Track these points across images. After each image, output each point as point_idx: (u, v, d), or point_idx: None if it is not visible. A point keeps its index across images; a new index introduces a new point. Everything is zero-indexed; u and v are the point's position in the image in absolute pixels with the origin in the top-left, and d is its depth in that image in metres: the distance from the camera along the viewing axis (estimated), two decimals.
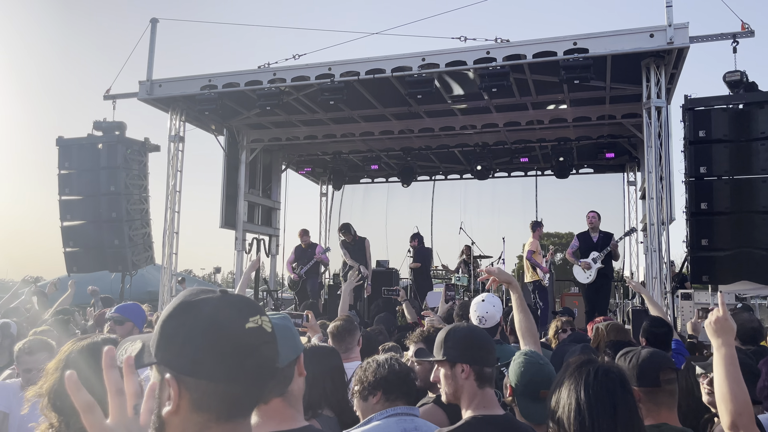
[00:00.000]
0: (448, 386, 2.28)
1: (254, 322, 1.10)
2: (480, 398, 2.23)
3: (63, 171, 10.56)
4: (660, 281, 8.00)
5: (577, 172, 14.40)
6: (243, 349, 1.06)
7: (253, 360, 1.07)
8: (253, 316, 1.11)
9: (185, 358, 1.04)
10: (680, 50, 7.85)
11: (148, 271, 13.31)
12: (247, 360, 1.06)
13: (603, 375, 1.67)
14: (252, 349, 1.07)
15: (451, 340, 2.31)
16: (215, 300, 1.10)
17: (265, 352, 1.09)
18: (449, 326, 2.42)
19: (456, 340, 2.30)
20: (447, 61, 8.66)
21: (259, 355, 1.08)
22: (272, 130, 12.64)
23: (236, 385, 1.06)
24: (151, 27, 10.51)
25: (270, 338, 1.12)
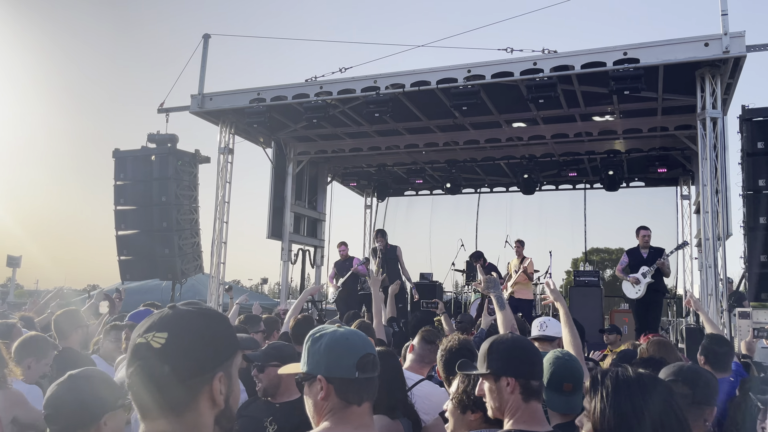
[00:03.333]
0: (493, 400, 2.18)
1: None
2: (523, 412, 2.13)
3: (119, 182, 10.96)
4: (716, 299, 7.68)
5: (628, 185, 14.03)
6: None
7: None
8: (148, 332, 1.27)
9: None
10: (736, 59, 7.58)
11: (197, 279, 13.62)
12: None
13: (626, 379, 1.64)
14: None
15: (496, 352, 2.21)
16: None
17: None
18: (493, 337, 2.34)
19: (500, 352, 2.20)
20: (493, 72, 8.61)
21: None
22: (318, 142, 12.81)
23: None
24: (203, 42, 10.85)
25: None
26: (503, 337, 2.34)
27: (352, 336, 1.81)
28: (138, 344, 1.26)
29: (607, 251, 40.68)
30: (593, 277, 11.88)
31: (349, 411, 1.75)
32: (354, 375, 1.73)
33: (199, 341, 1.27)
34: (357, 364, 1.74)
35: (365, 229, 16.52)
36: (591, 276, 11.94)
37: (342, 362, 1.73)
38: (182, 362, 1.24)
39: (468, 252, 13.64)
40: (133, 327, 3.97)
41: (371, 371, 1.78)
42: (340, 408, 1.74)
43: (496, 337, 2.32)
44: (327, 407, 1.75)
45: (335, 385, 1.73)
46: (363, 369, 1.74)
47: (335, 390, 1.73)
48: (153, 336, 1.25)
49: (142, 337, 1.26)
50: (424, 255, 15.56)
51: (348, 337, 1.80)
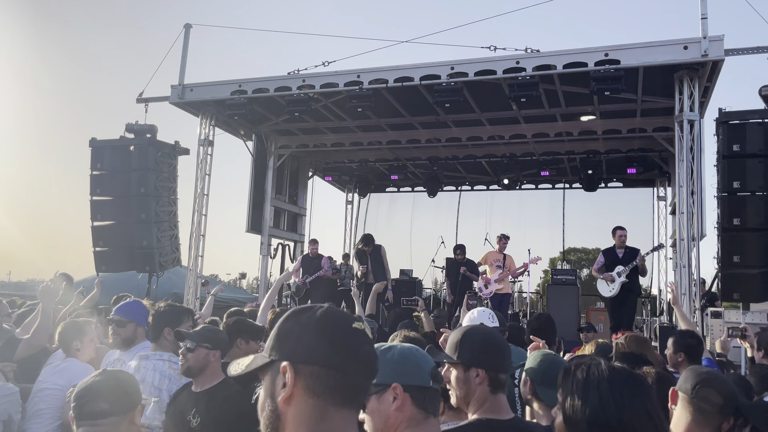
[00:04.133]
0: (459, 389, 2.18)
1: (358, 325, 1.22)
2: (491, 403, 2.14)
3: (95, 172, 10.77)
4: (689, 298, 7.82)
5: (606, 185, 14.21)
6: (352, 342, 1.19)
7: (360, 354, 1.19)
8: (358, 321, 1.23)
9: (301, 347, 1.16)
10: (715, 63, 7.70)
11: (175, 272, 13.47)
12: (355, 353, 1.18)
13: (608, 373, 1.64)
14: (358, 344, 1.19)
15: (468, 343, 2.21)
16: (324, 306, 1.23)
17: (368, 351, 1.22)
18: (465, 327, 2.34)
19: (473, 343, 2.21)
20: (476, 70, 8.64)
21: (363, 352, 1.20)
22: (300, 136, 12.75)
23: (347, 374, 1.16)
24: (184, 32, 10.71)
25: (371, 342, 1.24)
26: (476, 329, 2.34)
27: (418, 348, 1.77)
28: (355, 329, 1.23)
29: (584, 251, 41.19)
30: (570, 276, 12.02)
31: (428, 422, 1.64)
32: (429, 383, 1.66)
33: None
34: (431, 372, 1.67)
35: (346, 225, 16.51)
36: (568, 275, 12.09)
37: (419, 370, 1.66)
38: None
39: (448, 249, 13.72)
40: (121, 322, 3.89)
41: (439, 382, 1.71)
42: (420, 419, 1.63)
43: (469, 328, 2.32)
44: (403, 419, 1.61)
45: (412, 393, 1.62)
46: (435, 378, 1.68)
47: (412, 399, 1.62)
48: (362, 324, 1.26)
49: (356, 324, 1.24)
50: (404, 251, 15.63)
51: (417, 348, 1.75)
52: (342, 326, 1.19)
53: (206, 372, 3.12)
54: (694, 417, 2.28)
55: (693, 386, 2.32)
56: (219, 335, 3.26)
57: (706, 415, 2.26)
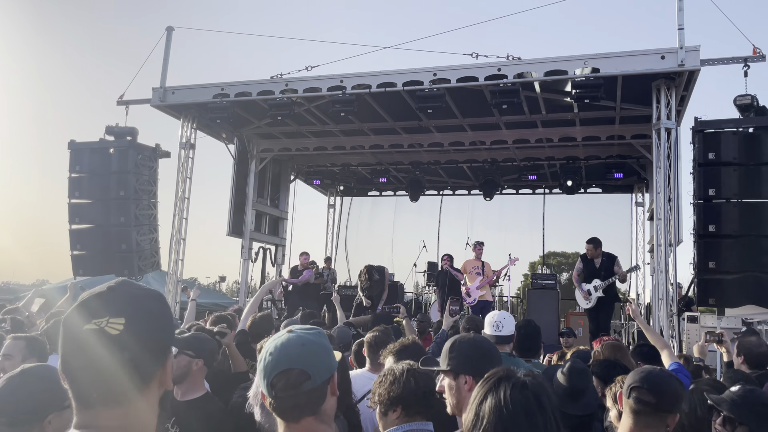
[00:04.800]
0: (452, 397, 2.24)
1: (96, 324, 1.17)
2: None
3: (74, 174, 10.63)
4: (666, 303, 7.96)
5: (586, 191, 14.39)
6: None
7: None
8: (98, 317, 1.18)
9: None
10: (691, 72, 7.87)
11: (153, 276, 13.35)
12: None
13: (519, 390, 1.60)
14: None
15: (456, 351, 2.28)
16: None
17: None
18: (455, 336, 2.39)
19: (461, 351, 2.27)
20: (458, 76, 8.71)
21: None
22: (282, 140, 12.72)
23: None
24: (166, 35, 10.64)
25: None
26: (465, 337, 2.40)
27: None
28: (88, 331, 1.16)
29: (564, 255, 41.56)
30: (550, 281, 12.16)
31: None
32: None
33: (155, 325, 1.22)
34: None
35: (328, 228, 16.49)
36: (548, 279, 12.22)
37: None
38: (141, 350, 1.18)
39: (430, 253, 13.78)
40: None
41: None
42: None
43: (459, 336, 2.38)
44: None
45: None
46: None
47: None
48: (107, 322, 1.16)
49: (92, 324, 1.16)
50: (386, 255, 15.65)
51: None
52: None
53: (188, 380, 3.08)
54: (632, 418, 2.32)
55: (627, 387, 2.36)
56: (205, 344, 3.21)
57: (643, 416, 2.29)
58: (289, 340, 1.63)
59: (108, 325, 1.16)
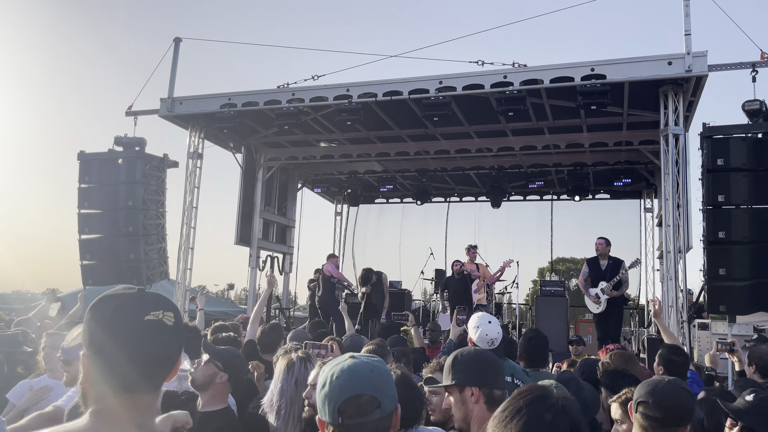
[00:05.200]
0: (458, 411, 2.22)
1: (155, 315, 1.31)
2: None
3: (83, 185, 10.70)
4: (676, 310, 7.89)
5: (594, 197, 14.33)
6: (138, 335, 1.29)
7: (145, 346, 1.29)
8: (156, 310, 1.32)
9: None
10: (699, 78, 7.83)
11: (162, 285, 13.39)
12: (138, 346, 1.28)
13: (557, 415, 1.46)
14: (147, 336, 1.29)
15: (459, 364, 2.26)
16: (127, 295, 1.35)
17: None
18: (456, 351, 2.38)
19: (464, 364, 2.26)
20: (464, 84, 8.71)
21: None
22: (289, 148, 12.76)
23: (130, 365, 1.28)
24: (174, 46, 10.72)
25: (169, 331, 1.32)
26: (466, 350, 2.39)
27: (336, 380, 1.72)
28: (149, 321, 1.30)
29: (573, 261, 41.30)
30: (559, 287, 12.09)
31: None
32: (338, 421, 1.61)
33: (182, 321, 1.42)
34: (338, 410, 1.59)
35: (335, 236, 16.49)
36: (556, 286, 12.16)
37: (325, 407, 1.61)
38: (182, 341, 1.37)
39: (437, 260, 13.75)
40: (67, 361, 3.74)
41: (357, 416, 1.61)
42: None
43: (459, 350, 2.37)
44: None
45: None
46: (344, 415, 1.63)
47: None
48: (163, 314, 1.32)
49: (151, 315, 1.30)
50: (393, 263, 15.64)
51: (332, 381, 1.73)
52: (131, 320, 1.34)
53: (210, 391, 3.13)
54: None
55: (635, 401, 2.31)
56: (235, 361, 3.25)
57: (650, 430, 2.24)
58: (356, 365, 1.56)
59: (164, 316, 1.32)
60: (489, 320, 3.99)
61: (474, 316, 4.05)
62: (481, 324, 3.99)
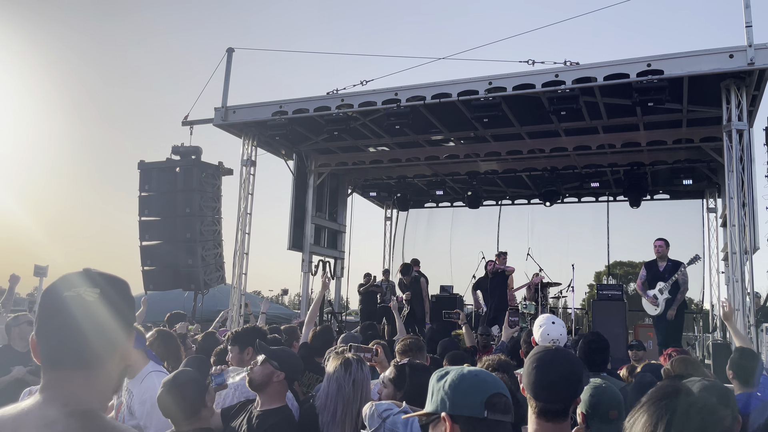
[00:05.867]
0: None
1: (75, 291, 1.31)
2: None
3: (143, 193, 11.13)
4: (743, 313, 7.52)
5: (652, 198, 13.86)
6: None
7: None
8: (78, 287, 1.32)
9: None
10: (762, 71, 7.47)
11: (219, 290, 13.74)
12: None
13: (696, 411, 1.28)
14: None
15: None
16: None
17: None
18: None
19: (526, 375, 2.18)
20: (514, 84, 8.59)
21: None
22: (339, 154, 12.89)
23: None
24: (227, 56, 11.01)
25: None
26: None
27: (481, 374, 1.64)
28: (67, 297, 1.30)
29: (631, 264, 40.01)
30: (617, 291, 11.71)
31: None
32: (483, 414, 1.54)
33: (122, 302, 1.37)
34: (486, 402, 1.55)
35: (385, 241, 16.54)
36: (614, 290, 11.78)
37: (468, 400, 1.56)
38: (112, 318, 1.32)
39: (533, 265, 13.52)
40: None
41: (502, 413, 1.56)
42: None
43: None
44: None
45: (461, 424, 1.54)
46: (492, 409, 1.55)
47: (461, 431, 1.55)
48: (84, 290, 1.31)
49: (71, 291, 1.31)
50: (444, 267, 15.51)
51: (477, 374, 1.63)
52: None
53: (267, 390, 3.16)
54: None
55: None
56: (292, 359, 3.29)
57: None
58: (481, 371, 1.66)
59: (85, 292, 1.31)
60: (553, 321, 3.98)
61: (540, 316, 4.03)
62: (545, 323, 3.98)
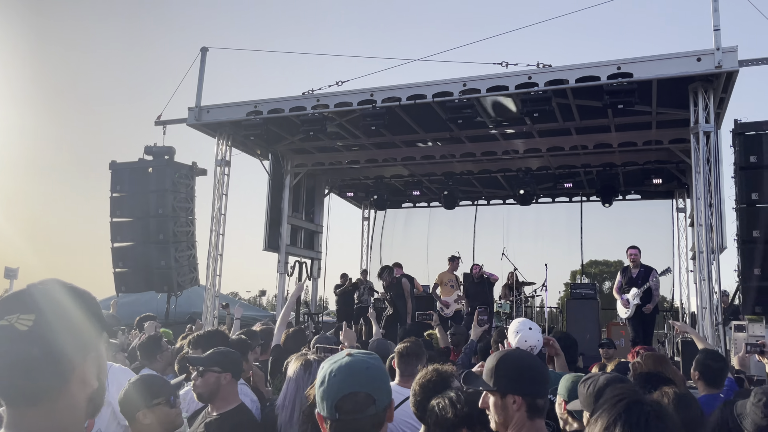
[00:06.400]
0: (498, 415, 2.18)
1: (7, 320, 1.15)
2: (528, 429, 2.14)
3: (115, 194, 10.97)
4: (710, 311, 7.69)
5: (624, 198, 14.08)
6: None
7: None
8: (11, 314, 1.16)
9: None
10: (729, 74, 7.64)
11: (193, 291, 13.61)
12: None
13: (651, 416, 1.44)
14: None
15: (503, 369, 2.20)
16: None
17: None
18: (501, 353, 2.32)
19: (508, 370, 2.20)
20: (488, 86, 8.67)
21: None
22: (315, 154, 12.85)
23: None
24: (200, 55, 10.91)
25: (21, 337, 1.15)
26: (511, 354, 2.32)
27: (338, 374, 1.70)
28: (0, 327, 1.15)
29: (605, 263, 40.64)
30: (590, 290, 11.90)
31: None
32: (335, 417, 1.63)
33: (69, 322, 1.20)
34: (335, 406, 1.63)
35: (363, 241, 16.55)
36: (588, 289, 11.97)
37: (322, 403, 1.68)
38: (53, 345, 1.16)
39: (465, 264, 13.66)
40: None
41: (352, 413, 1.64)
42: None
43: (504, 353, 2.29)
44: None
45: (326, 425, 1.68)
46: (341, 411, 1.64)
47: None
48: (17, 318, 1.15)
49: (4, 320, 1.15)
50: (421, 267, 15.58)
51: (335, 374, 1.70)
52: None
53: (219, 396, 3.08)
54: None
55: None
56: (229, 356, 3.21)
57: None
58: (352, 363, 1.64)
59: (18, 321, 1.15)
60: (530, 326, 3.86)
61: (514, 321, 3.95)
62: (521, 330, 3.85)
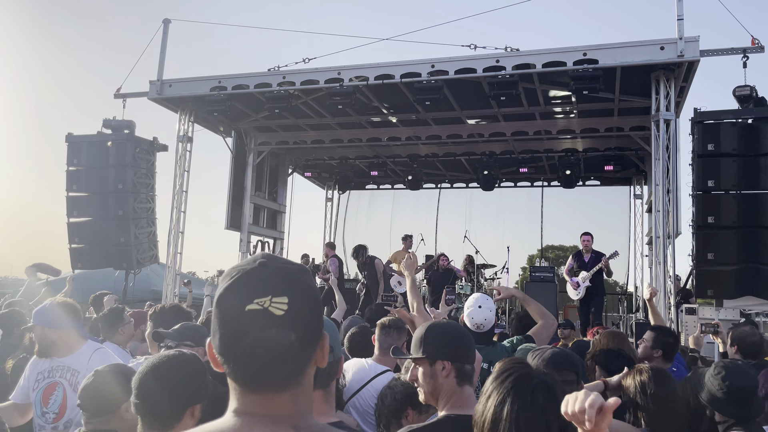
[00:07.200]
0: (427, 384, 2.20)
1: (259, 304, 1.08)
2: (457, 397, 2.17)
3: (71, 167, 10.61)
4: (664, 295, 7.96)
5: (584, 183, 14.37)
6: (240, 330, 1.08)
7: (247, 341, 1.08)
8: (262, 296, 1.09)
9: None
10: (690, 63, 7.84)
11: (152, 269, 13.34)
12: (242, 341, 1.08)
13: (539, 389, 1.60)
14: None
15: (432, 337, 2.23)
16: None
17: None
18: (428, 323, 2.37)
19: (436, 337, 2.23)
20: (456, 68, 8.68)
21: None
22: (280, 133, 12.67)
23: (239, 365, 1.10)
24: (163, 27, 10.58)
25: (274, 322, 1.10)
26: (438, 323, 2.37)
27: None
28: (251, 312, 1.07)
29: (562, 248, 41.48)
30: (548, 273, 12.15)
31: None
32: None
33: (313, 304, 1.15)
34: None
35: (326, 222, 16.46)
36: (546, 272, 12.21)
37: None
38: (307, 329, 1.12)
39: (428, 246, 13.78)
40: (43, 331, 3.61)
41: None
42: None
43: (431, 323, 2.35)
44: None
45: None
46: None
47: None
48: (270, 302, 1.08)
49: (254, 304, 1.07)
50: (384, 248, 15.60)
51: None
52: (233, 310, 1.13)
53: None
54: None
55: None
56: (200, 331, 3.15)
57: None
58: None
59: (272, 305, 1.09)
60: (480, 304, 3.93)
61: (470, 297, 4.05)
62: (471, 306, 3.97)
